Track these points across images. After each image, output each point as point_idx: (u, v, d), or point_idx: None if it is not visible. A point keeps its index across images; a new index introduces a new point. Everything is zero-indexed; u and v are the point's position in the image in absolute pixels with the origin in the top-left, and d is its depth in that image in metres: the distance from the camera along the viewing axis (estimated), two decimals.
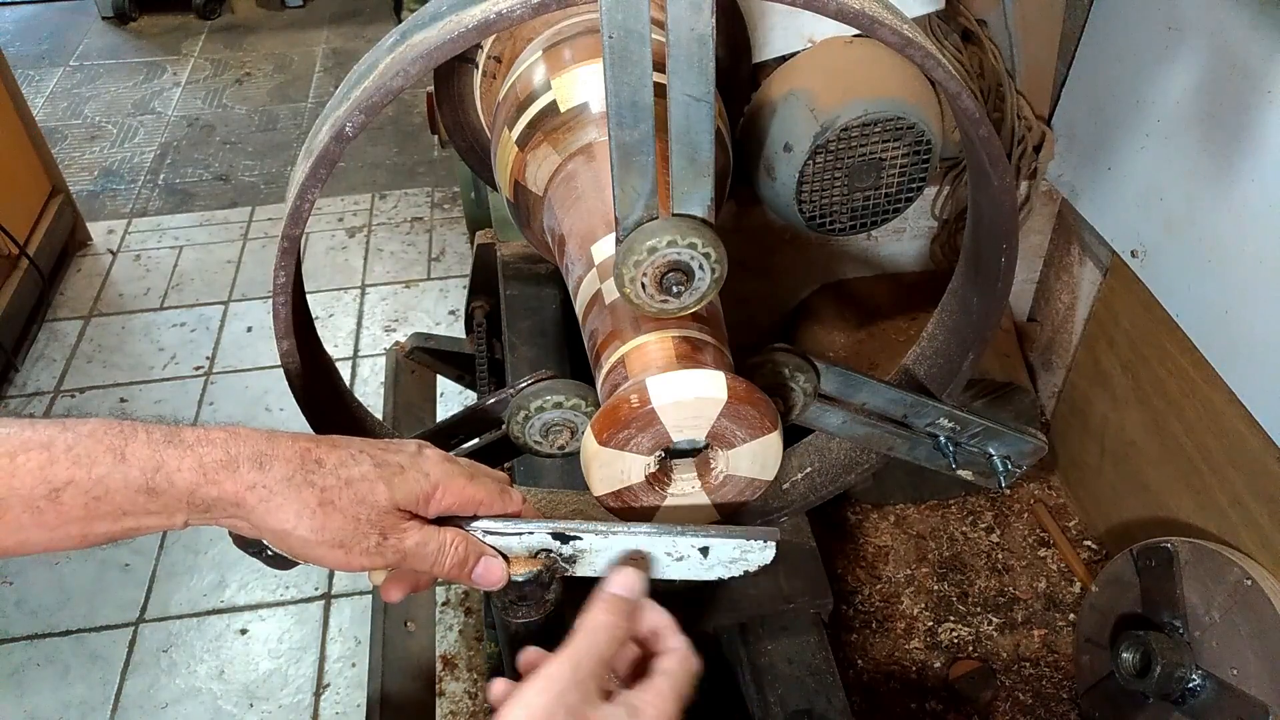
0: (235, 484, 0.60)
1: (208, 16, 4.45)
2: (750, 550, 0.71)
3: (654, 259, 0.69)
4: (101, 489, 0.58)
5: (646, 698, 0.62)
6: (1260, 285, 1.40)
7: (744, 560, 0.72)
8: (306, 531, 0.61)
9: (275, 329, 0.75)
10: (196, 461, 0.60)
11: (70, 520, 0.58)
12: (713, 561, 0.71)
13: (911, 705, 1.78)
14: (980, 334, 0.91)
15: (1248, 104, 1.37)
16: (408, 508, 0.65)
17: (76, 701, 1.88)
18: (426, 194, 3.25)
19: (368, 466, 0.64)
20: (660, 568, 0.71)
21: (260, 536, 0.64)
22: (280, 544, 0.63)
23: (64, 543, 0.59)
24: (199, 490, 0.60)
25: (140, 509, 0.59)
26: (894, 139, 1.41)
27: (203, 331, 2.73)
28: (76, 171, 3.41)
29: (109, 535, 0.60)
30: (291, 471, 0.61)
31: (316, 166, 0.68)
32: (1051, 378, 2.09)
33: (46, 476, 0.57)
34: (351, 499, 0.62)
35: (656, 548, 0.70)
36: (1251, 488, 1.48)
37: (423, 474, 0.66)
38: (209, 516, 0.61)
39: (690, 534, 0.70)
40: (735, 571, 0.73)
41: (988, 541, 2.03)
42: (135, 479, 0.58)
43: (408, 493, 0.65)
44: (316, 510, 0.61)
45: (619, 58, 0.61)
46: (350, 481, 0.63)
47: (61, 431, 0.58)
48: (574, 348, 1.46)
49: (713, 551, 0.71)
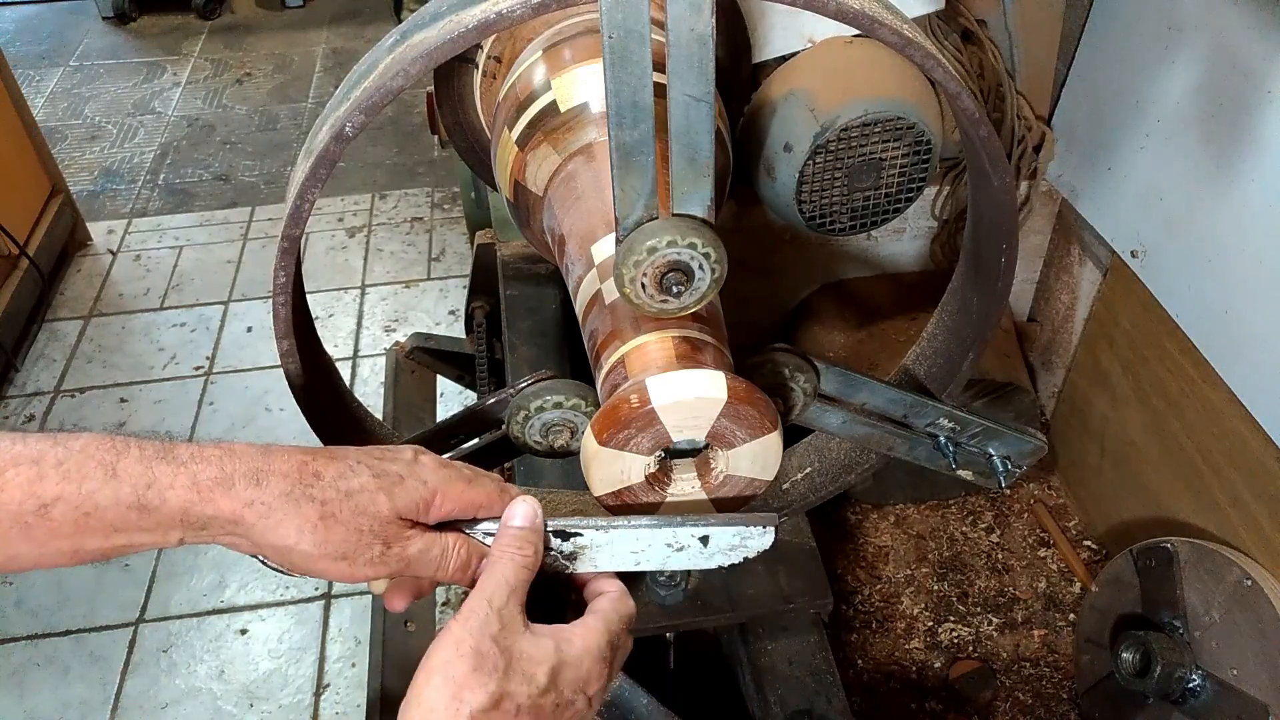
0: (232, 502, 0.59)
1: (208, 16, 4.45)
2: (750, 536, 0.71)
3: (654, 259, 0.69)
4: (91, 505, 0.57)
5: (574, 629, 0.65)
6: (1260, 285, 1.40)
7: (744, 547, 0.72)
8: (309, 546, 0.61)
9: (275, 329, 0.75)
10: (190, 479, 0.59)
11: (60, 536, 0.58)
12: (713, 550, 0.72)
13: (911, 705, 1.78)
14: (980, 334, 0.91)
15: (1248, 104, 1.37)
16: (409, 516, 0.65)
17: (76, 701, 1.88)
18: (426, 194, 3.26)
19: (366, 477, 0.64)
20: (661, 559, 0.72)
21: (260, 553, 0.63)
22: (281, 560, 0.63)
23: (54, 559, 0.59)
24: (193, 508, 0.59)
25: (131, 526, 0.58)
26: (894, 139, 1.41)
27: (203, 331, 2.73)
28: (76, 171, 3.41)
29: (100, 552, 0.60)
30: (290, 486, 0.61)
31: (316, 166, 0.68)
32: (1051, 378, 2.09)
33: (35, 492, 0.56)
34: (353, 511, 0.62)
35: (657, 540, 0.70)
36: (1251, 488, 1.48)
37: (420, 481, 0.66)
38: (205, 534, 0.61)
39: (690, 524, 0.70)
40: (735, 559, 0.73)
41: (988, 541, 2.03)
42: (126, 495, 0.58)
43: (408, 501, 0.65)
44: (318, 524, 0.61)
45: (619, 58, 0.61)
46: (350, 493, 0.62)
47: (52, 446, 0.58)
48: (574, 348, 1.46)
49: (712, 540, 0.71)
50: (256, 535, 0.61)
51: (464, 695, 0.58)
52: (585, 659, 0.63)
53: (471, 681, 0.58)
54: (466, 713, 0.58)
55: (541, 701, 0.61)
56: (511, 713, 0.59)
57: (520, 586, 0.65)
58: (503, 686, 0.59)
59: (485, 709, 0.58)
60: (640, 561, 0.71)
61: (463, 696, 0.58)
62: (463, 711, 0.58)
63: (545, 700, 0.61)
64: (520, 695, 0.60)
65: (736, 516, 0.72)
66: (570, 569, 0.71)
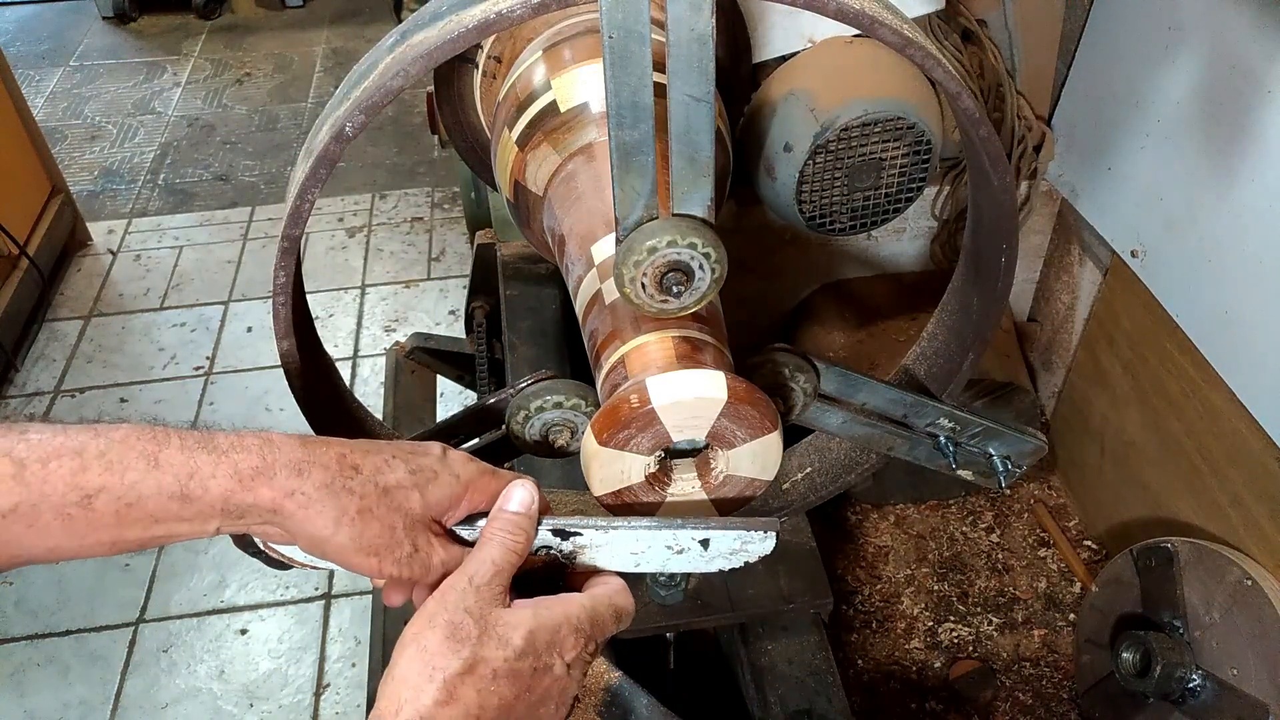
0: (273, 491, 0.59)
1: (208, 16, 4.45)
2: (750, 541, 0.71)
3: (654, 259, 0.69)
4: (134, 495, 0.57)
5: (554, 599, 0.65)
6: (1260, 285, 1.40)
7: (744, 551, 0.72)
8: (345, 539, 0.61)
9: (275, 329, 0.75)
10: (232, 468, 0.59)
11: (101, 527, 0.57)
12: (713, 554, 0.71)
13: (911, 705, 1.78)
14: (980, 334, 0.91)
15: (1248, 104, 1.37)
16: (439, 513, 0.66)
17: (76, 701, 1.88)
18: (426, 194, 3.25)
19: (402, 473, 0.64)
20: (661, 561, 0.71)
21: (293, 542, 0.63)
22: (315, 549, 0.63)
23: (94, 550, 0.59)
24: (234, 497, 0.59)
25: (173, 516, 0.59)
26: (894, 139, 1.41)
27: (203, 331, 2.73)
28: (76, 171, 3.41)
29: (140, 543, 0.59)
30: (330, 478, 0.61)
31: (316, 166, 0.68)
32: (1051, 378, 2.09)
33: (79, 483, 0.56)
34: (388, 508, 0.62)
35: (657, 541, 0.70)
36: (1251, 488, 1.48)
37: (453, 476, 0.66)
38: (242, 523, 0.61)
39: (690, 526, 0.70)
40: (736, 563, 0.72)
41: (988, 541, 2.03)
42: (168, 485, 0.58)
43: (440, 498, 0.65)
44: (355, 518, 0.61)
45: (619, 58, 0.61)
46: (387, 490, 0.63)
47: (93, 437, 0.57)
48: (574, 348, 1.46)
49: (713, 543, 0.71)
50: (294, 525, 0.61)
51: (436, 663, 0.58)
52: (562, 625, 0.63)
53: (444, 649, 0.58)
54: (440, 679, 0.57)
55: (519, 665, 0.60)
56: (488, 677, 0.59)
57: (506, 569, 0.64)
58: (476, 652, 0.59)
59: (459, 674, 0.58)
60: (640, 563, 0.71)
61: (435, 664, 0.58)
62: (435, 679, 0.57)
63: (522, 664, 0.60)
64: (495, 659, 0.59)
65: (738, 521, 0.71)
66: (571, 568, 0.71)
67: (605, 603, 0.67)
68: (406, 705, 0.57)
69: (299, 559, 0.67)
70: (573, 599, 0.66)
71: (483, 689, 0.58)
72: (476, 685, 0.58)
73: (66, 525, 0.56)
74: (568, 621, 0.64)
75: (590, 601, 0.66)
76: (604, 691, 0.95)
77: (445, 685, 0.57)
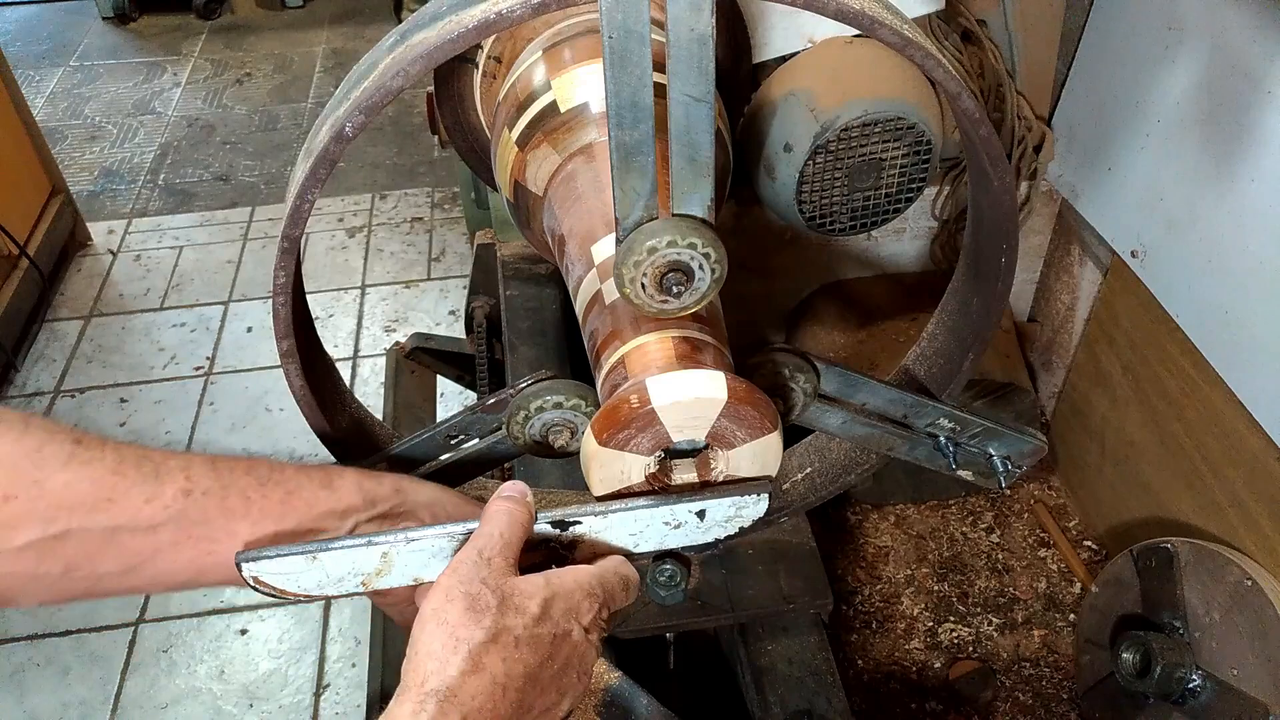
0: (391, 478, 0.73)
1: (208, 17, 4.45)
2: (745, 505, 0.72)
3: (654, 259, 0.69)
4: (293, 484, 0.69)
5: (565, 569, 0.67)
6: (1260, 285, 1.40)
7: (739, 517, 0.73)
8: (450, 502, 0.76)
9: (275, 329, 0.75)
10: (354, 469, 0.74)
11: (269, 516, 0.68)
12: (709, 523, 0.72)
13: (911, 705, 1.78)
14: (980, 334, 0.91)
15: (1248, 104, 1.37)
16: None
17: (76, 701, 1.88)
18: (426, 194, 3.26)
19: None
20: (659, 538, 0.72)
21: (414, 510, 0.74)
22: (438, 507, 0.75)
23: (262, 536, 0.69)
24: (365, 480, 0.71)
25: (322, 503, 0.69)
26: (894, 139, 1.41)
27: (203, 331, 2.73)
28: (76, 171, 3.41)
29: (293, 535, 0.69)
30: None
31: (316, 167, 0.68)
32: (1051, 378, 2.09)
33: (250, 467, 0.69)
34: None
35: (655, 519, 0.71)
36: (1251, 488, 1.48)
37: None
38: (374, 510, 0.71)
39: (686, 500, 0.71)
40: (731, 529, 0.74)
41: (988, 541, 2.03)
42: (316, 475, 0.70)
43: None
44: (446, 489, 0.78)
45: (619, 58, 0.61)
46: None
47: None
48: (574, 348, 1.46)
49: (709, 513, 0.72)
50: (413, 494, 0.74)
51: (460, 634, 0.59)
52: (575, 591, 0.65)
53: (466, 620, 0.59)
54: (465, 650, 0.58)
55: (539, 632, 0.61)
56: (511, 645, 0.60)
57: (514, 541, 0.66)
58: (498, 621, 0.60)
59: (484, 643, 0.59)
60: (639, 543, 0.72)
61: (459, 635, 0.59)
62: (460, 650, 0.58)
63: (542, 630, 0.61)
64: (516, 627, 0.60)
65: (731, 488, 0.73)
66: (571, 557, 0.72)
67: (612, 572, 0.69)
68: (433, 676, 0.57)
69: (291, 589, 0.68)
70: (581, 568, 0.67)
71: (507, 657, 0.59)
72: (501, 654, 0.59)
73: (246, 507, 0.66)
74: (580, 587, 0.65)
75: (598, 568, 0.68)
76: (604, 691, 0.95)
77: (471, 655, 0.58)
